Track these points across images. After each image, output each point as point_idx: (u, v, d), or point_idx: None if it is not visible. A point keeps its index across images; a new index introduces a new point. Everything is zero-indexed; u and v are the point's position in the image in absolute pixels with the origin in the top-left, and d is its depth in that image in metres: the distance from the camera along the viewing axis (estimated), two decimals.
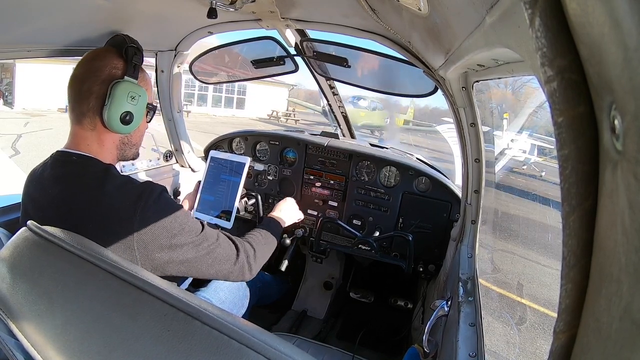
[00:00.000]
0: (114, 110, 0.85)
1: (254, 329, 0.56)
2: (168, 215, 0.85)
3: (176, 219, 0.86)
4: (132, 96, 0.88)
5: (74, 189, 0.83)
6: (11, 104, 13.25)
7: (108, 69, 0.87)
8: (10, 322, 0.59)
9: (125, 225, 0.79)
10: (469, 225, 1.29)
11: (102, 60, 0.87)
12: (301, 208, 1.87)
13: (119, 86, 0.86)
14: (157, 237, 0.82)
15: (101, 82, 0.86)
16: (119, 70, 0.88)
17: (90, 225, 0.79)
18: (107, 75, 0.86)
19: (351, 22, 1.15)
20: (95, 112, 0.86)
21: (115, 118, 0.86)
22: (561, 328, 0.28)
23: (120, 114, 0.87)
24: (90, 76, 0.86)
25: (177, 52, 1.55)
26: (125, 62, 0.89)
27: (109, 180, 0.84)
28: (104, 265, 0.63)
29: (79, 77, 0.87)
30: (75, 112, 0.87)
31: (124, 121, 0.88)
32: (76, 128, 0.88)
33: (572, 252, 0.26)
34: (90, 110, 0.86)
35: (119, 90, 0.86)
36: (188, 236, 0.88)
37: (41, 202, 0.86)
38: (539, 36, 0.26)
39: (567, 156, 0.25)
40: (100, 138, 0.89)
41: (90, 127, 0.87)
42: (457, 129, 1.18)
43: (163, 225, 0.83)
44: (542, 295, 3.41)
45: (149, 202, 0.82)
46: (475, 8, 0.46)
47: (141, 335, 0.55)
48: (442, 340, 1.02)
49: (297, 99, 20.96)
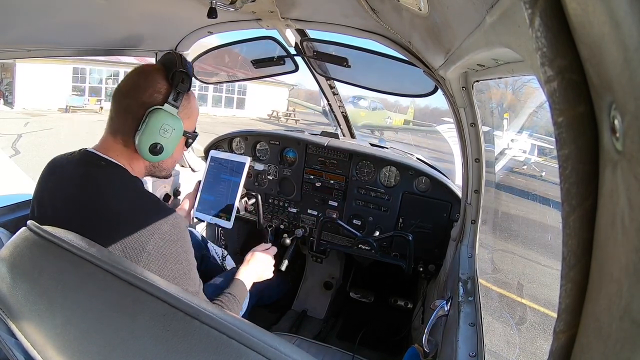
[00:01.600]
0: (145, 139, 0.83)
1: (253, 328, 0.56)
2: (179, 254, 0.83)
3: (184, 263, 0.84)
4: (165, 129, 0.84)
5: (97, 194, 0.81)
6: (11, 103, 13.25)
7: (150, 91, 0.84)
8: (10, 322, 0.59)
9: (139, 246, 0.77)
10: (469, 225, 1.29)
11: (146, 79, 0.85)
12: (301, 208, 1.88)
13: (155, 115, 0.83)
14: (161, 271, 0.79)
15: (141, 104, 0.84)
16: (161, 95, 0.85)
17: (106, 233, 0.77)
18: (148, 98, 0.84)
19: (351, 22, 1.15)
20: (129, 133, 0.85)
21: (144, 147, 0.84)
22: (561, 328, 0.28)
23: (149, 144, 0.84)
24: (132, 94, 0.84)
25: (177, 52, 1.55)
26: (169, 86, 0.86)
27: (136, 194, 0.83)
28: (104, 265, 0.63)
29: (123, 91, 0.86)
30: (112, 123, 0.87)
31: (153, 152, 0.85)
32: (110, 137, 0.87)
33: (572, 252, 0.26)
34: (126, 128, 0.85)
35: (154, 120, 0.83)
36: (186, 285, 0.85)
37: (59, 197, 0.83)
38: (539, 36, 0.26)
39: (567, 156, 0.25)
40: (131, 156, 0.88)
41: (122, 143, 0.86)
42: (457, 129, 1.18)
43: (171, 263, 0.81)
44: (542, 295, 3.41)
45: (170, 232, 0.80)
46: (475, 8, 0.46)
47: (141, 335, 0.55)
48: (442, 340, 1.02)
49: (297, 99, 20.97)
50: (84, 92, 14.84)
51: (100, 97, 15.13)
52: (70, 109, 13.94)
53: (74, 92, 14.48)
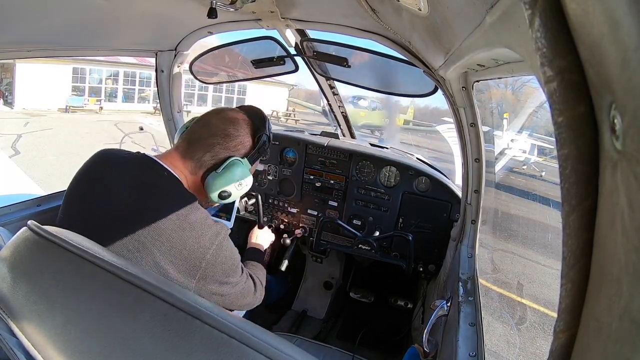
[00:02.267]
0: (220, 183, 0.89)
1: (254, 328, 0.56)
2: (230, 258, 0.89)
3: (234, 262, 0.90)
4: (240, 182, 0.91)
5: (161, 204, 0.82)
6: (11, 104, 13.25)
7: (237, 141, 0.91)
8: (10, 322, 0.59)
9: (197, 257, 0.81)
10: (469, 225, 1.29)
11: (237, 129, 0.91)
12: (301, 208, 1.88)
13: (237, 166, 0.89)
14: (217, 274, 0.85)
15: (224, 148, 0.89)
16: (245, 150, 0.92)
17: (162, 242, 0.78)
18: (233, 146, 0.90)
19: (351, 22, 1.15)
20: (203, 167, 0.89)
21: (216, 189, 0.89)
22: (561, 328, 0.28)
23: (222, 189, 0.90)
24: (220, 134, 0.89)
25: (177, 52, 1.55)
26: (253, 145, 0.93)
27: (195, 211, 0.85)
28: (105, 265, 0.63)
29: (211, 128, 0.90)
30: (187, 148, 0.90)
31: (221, 196, 0.91)
32: (179, 157, 0.90)
33: (572, 252, 0.27)
34: (201, 161, 0.89)
35: (234, 170, 0.89)
36: (235, 277, 0.92)
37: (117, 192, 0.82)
38: (538, 36, 0.26)
39: (567, 156, 0.25)
40: (194, 182, 0.91)
41: (190, 170, 0.90)
42: (457, 129, 1.18)
43: (225, 265, 0.87)
44: (542, 295, 3.41)
45: (222, 243, 0.86)
46: (475, 8, 0.46)
47: (142, 335, 0.55)
48: (442, 340, 1.02)
49: (297, 99, 20.94)
50: (83, 92, 14.82)
51: (100, 97, 15.12)
52: (70, 109, 13.93)
53: (73, 92, 14.47)
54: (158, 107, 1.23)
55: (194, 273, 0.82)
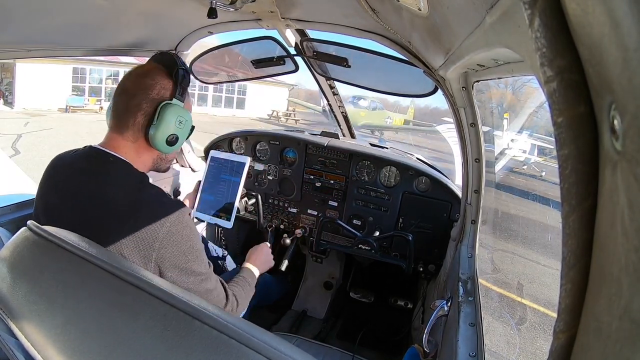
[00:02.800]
0: (162, 131, 0.88)
1: (254, 328, 0.56)
2: (190, 238, 0.87)
3: (193, 245, 0.88)
4: (180, 120, 0.91)
5: (111, 189, 0.84)
6: (11, 103, 13.25)
7: (158, 88, 0.90)
8: (10, 322, 0.59)
9: (151, 235, 0.80)
10: (469, 225, 1.29)
11: (152, 78, 0.90)
12: (301, 208, 1.88)
13: (168, 109, 0.89)
14: (175, 256, 0.84)
15: (150, 100, 0.89)
16: (168, 92, 0.91)
17: (118, 227, 0.79)
18: (157, 94, 0.89)
19: (351, 22, 1.15)
20: (141, 129, 0.89)
21: (161, 139, 0.89)
22: (561, 328, 0.28)
23: (167, 136, 0.90)
24: (140, 92, 0.88)
25: (177, 52, 1.55)
26: (174, 83, 0.92)
27: (146, 189, 0.86)
28: (104, 265, 0.63)
29: (129, 91, 0.89)
30: (118, 122, 0.90)
31: (169, 143, 0.91)
32: (116, 135, 0.90)
33: (572, 252, 0.26)
34: (135, 125, 0.89)
35: (168, 113, 0.88)
36: (198, 265, 0.89)
37: (65, 190, 0.86)
38: (538, 36, 0.26)
39: (567, 156, 0.25)
40: (139, 150, 0.91)
41: (131, 139, 0.90)
42: (457, 129, 1.18)
43: (182, 246, 0.85)
44: (542, 295, 3.41)
45: (179, 218, 0.84)
46: (475, 8, 0.46)
47: (141, 335, 0.55)
48: (442, 340, 1.02)
49: (297, 98, 20.95)
50: (83, 92, 14.83)
51: (100, 97, 15.12)
52: (70, 109, 13.93)
53: (73, 92, 14.48)
54: None
55: (149, 255, 0.80)
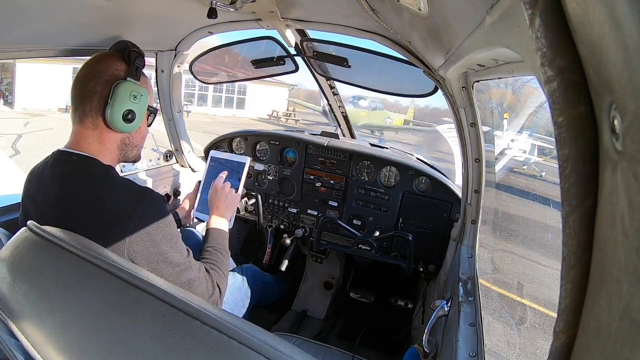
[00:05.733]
0: (117, 108, 0.88)
1: (254, 328, 0.56)
2: (161, 228, 0.86)
3: (168, 233, 0.87)
4: (134, 95, 0.90)
5: (73, 189, 0.84)
6: (11, 103, 13.24)
7: (111, 70, 0.90)
8: (10, 322, 0.59)
9: (120, 229, 0.80)
10: (469, 225, 1.29)
11: (105, 62, 0.91)
12: (301, 208, 1.87)
13: (122, 86, 0.89)
14: (147, 248, 0.83)
15: (104, 82, 0.89)
16: (122, 72, 0.91)
17: (89, 225, 0.79)
18: (110, 76, 0.89)
19: (351, 22, 1.15)
20: (98, 112, 0.89)
21: (117, 116, 0.88)
22: (561, 328, 0.28)
23: (122, 112, 0.89)
24: (93, 77, 0.89)
25: (177, 52, 1.55)
26: (127, 64, 0.92)
27: (109, 181, 0.86)
28: (104, 265, 0.63)
29: (83, 78, 0.89)
30: (77, 112, 0.89)
31: (126, 119, 0.90)
32: (78, 127, 0.90)
33: (572, 252, 0.26)
34: (92, 109, 0.88)
35: (122, 90, 0.88)
36: (175, 255, 0.88)
37: (40, 201, 0.87)
38: (539, 36, 0.26)
39: (567, 156, 0.25)
40: (102, 137, 0.91)
41: (92, 126, 0.89)
42: (457, 129, 1.18)
43: (156, 236, 0.84)
44: (542, 295, 3.41)
45: (147, 207, 0.84)
46: (475, 8, 0.46)
47: (141, 335, 0.55)
48: (442, 340, 1.02)
49: (297, 99, 20.95)
50: None
51: None
52: (70, 109, 13.93)
53: None
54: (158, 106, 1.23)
55: (121, 251, 0.80)
